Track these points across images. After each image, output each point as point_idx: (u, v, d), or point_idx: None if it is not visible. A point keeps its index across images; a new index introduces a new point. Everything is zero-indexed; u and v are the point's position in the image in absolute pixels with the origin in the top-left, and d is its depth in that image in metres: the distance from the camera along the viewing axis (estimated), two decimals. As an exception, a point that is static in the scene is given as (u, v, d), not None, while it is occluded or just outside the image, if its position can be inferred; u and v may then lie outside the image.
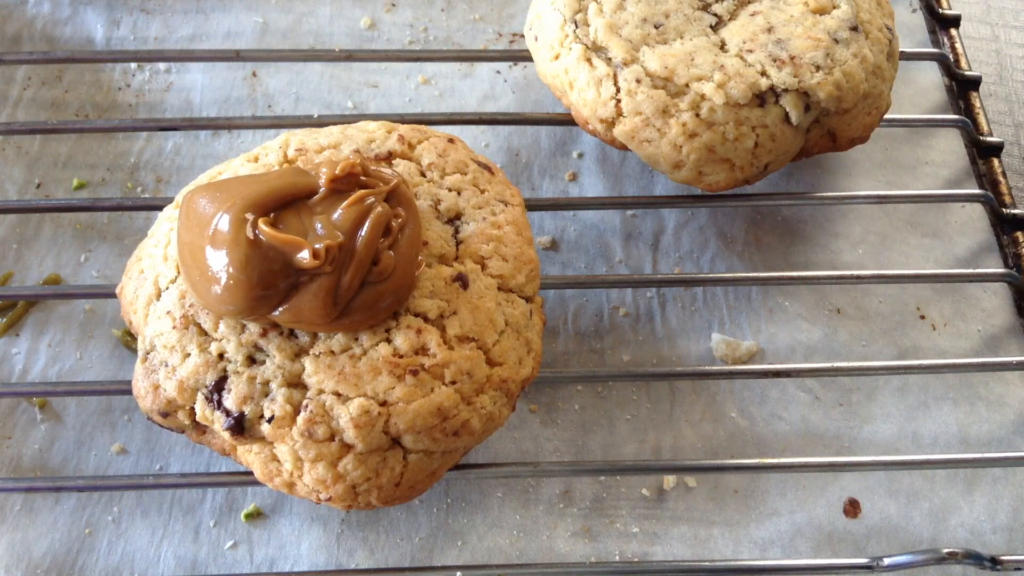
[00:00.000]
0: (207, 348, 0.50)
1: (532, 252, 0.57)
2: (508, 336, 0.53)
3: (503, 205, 0.58)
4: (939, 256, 0.72)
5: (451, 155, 0.59)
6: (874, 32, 0.65)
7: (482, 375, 0.51)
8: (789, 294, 0.70)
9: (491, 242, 0.55)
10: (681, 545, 0.60)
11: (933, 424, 0.65)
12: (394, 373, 0.50)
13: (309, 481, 0.50)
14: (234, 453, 0.52)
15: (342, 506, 0.50)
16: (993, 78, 0.82)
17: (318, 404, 0.49)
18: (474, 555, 0.59)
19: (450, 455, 0.52)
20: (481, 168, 0.59)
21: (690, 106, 0.61)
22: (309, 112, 0.76)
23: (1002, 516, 0.62)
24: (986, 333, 0.69)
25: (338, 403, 0.49)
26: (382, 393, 0.49)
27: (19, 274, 0.68)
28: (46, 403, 0.63)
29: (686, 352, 0.67)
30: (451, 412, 0.50)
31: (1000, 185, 0.73)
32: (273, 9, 0.82)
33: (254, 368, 0.50)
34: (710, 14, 0.64)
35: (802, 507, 0.62)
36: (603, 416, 0.64)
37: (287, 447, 0.49)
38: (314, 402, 0.49)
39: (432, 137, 0.60)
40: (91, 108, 0.76)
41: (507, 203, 0.58)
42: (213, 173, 0.58)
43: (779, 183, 0.73)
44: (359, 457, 0.49)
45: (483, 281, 0.54)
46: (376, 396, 0.49)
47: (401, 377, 0.50)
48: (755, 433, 0.64)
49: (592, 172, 0.75)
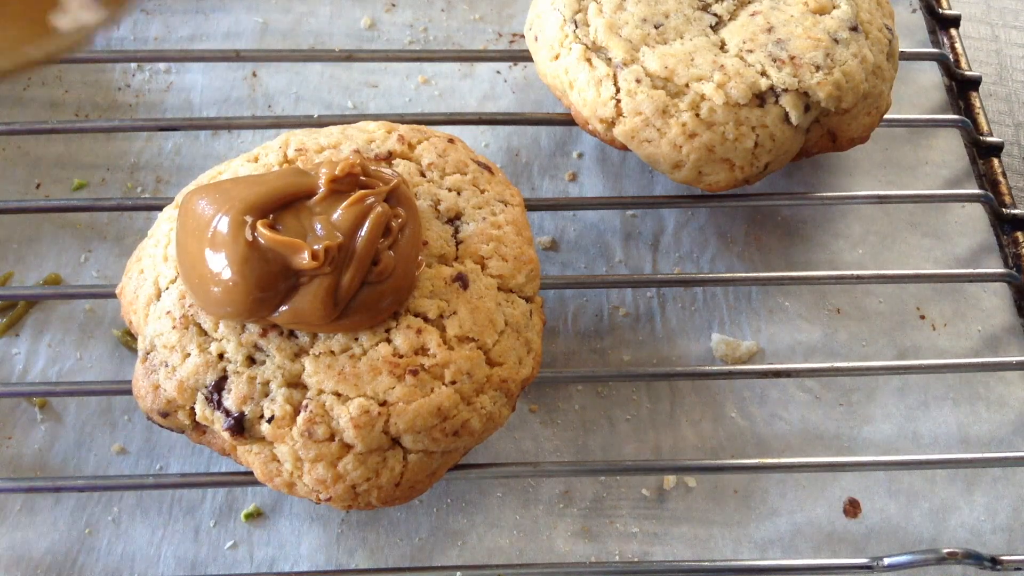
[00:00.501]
0: (207, 348, 0.50)
1: (532, 252, 0.57)
2: (508, 336, 0.53)
3: (503, 205, 0.58)
4: (939, 256, 0.72)
5: (451, 155, 0.59)
6: (874, 32, 0.65)
7: (482, 375, 0.51)
8: (789, 294, 0.70)
9: (491, 242, 0.55)
10: (681, 545, 0.60)
11: (933, 424, 0.65)
12: (394, 373, 0.50)
13: (309, 481, 0.50)
14: (234, 453, 0.52)
15: (342, 506, 0.50)
16: (993, 78, 0.82)
17: (318, 404, 0.49)
18: (474, 555, 0.59)
19: (450, 455, 0.52)
20: (481, 168, 0.59)
21: (690, 106, 0.61)
22: (309, 112, 0.76)
23: (1002, 516, 0.62)
24: (986, 333, 0.69)
25: (338, 403, 0.49)
26: (382, 393, 0.49)
27: (19, 274, 0.68)
28: (46, 403, 0.63)
29: (686, 352, 0.67)
30: (451, 412, 0.50)
31: (1000, 185, 0.73)
32: (273, 9, 0.82)
33: (254, 368, 0.50)
34: (710, 14, 0.64)
35: (802, 507, 0.62)
36: (603, 416, 0.64)
37: (287, 447, 0.49)
38: (314, 402, 0.49)
39: (432, 137, 0.60)
40: (91, 108, 0.76)
41: (507, 203, 0.58)
42: (213, 173, 0.58)
43: (779, 183, 0.73)
44: (359, 457, 0.49)
45: (483, 281, 0.54)
46: (376, 396, 0.49)
47: (401, 377, 0.50)
48: (755, 433, 0.64)
49: (592, 172, 0.75)
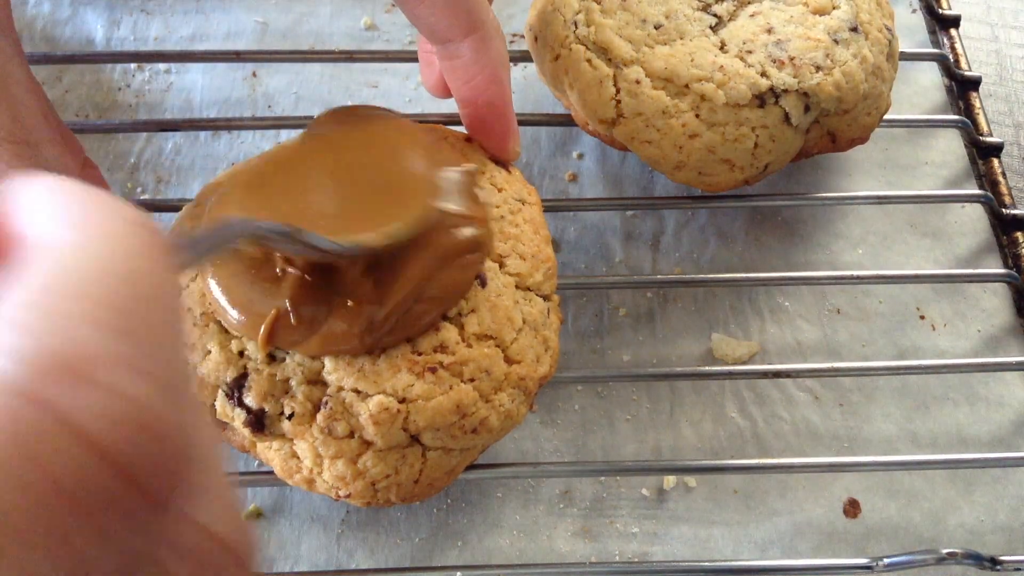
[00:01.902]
0: (227, 345, 0.50)
1: (549, 250, 0.57)
2: (526, 334, 0.53)
3: (520, 204, 0.57)
4: (939, 256, 0.72)
5: (468, 154, 0.59)
6: (874, 32, 0.65)
7: (500, 373, 0.51)
8: (789, 294, 0.70)
9: (509, 240, 0.55)
10: (681, 545, 0.60)
11: (933, 424, 0.65)
12: (413, 371, 0.50)
13: (329, 478, 0.50)
14: (253, 450, 0.52)
15: (361, 503, 0.50)
16: (993, 78, 0.82)
17: (337, 401, 0.49)
18: (474, 555, 0.59)
19: (468, 452, 0.53)
20: (498, 167, 0.59)
21: (690, 107, 0.61)
22: (309, 112, 0.76)
23: (1002, 516, 0.62)
24: (986, 333, 0.69)
25: (357, 400, 0.49)
26: (401, 390, 0.49)
27: (19, 274, 0.68)
28: (46, 403, 0.63)
29: (686, 352, 0.67)
30: (469, 409, 0.50)
31: (1000, 185, 0.73)
32: (273, 9, 0.82)
33: (274, 365, 0.50)
34: (710, 14, 0.64)
35: (802, 507, 0.62)
36: (603, 416, 0.64)
37: (307, 444, 0.49)
38: (334, 399, 0.49)
39: (449, 136, 0.60)
40: (91, 108, 0.76)
41: (524, 202, 0.58)
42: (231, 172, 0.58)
43: (779, 183, 0.73)
44: (378, 454, 0.49)
45: (501, 279, 0.54)
46: (395, 393, 0.49)
47: (420, 375, 0.50)
48: (755, 433, 0.64)
49: (592, 172, 0.75)
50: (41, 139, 0.48)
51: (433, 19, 0.52)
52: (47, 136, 0.48)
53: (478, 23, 0.53)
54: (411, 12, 0.53)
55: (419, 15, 0.53)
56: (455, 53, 0.54)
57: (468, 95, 0.56)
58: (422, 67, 0.62)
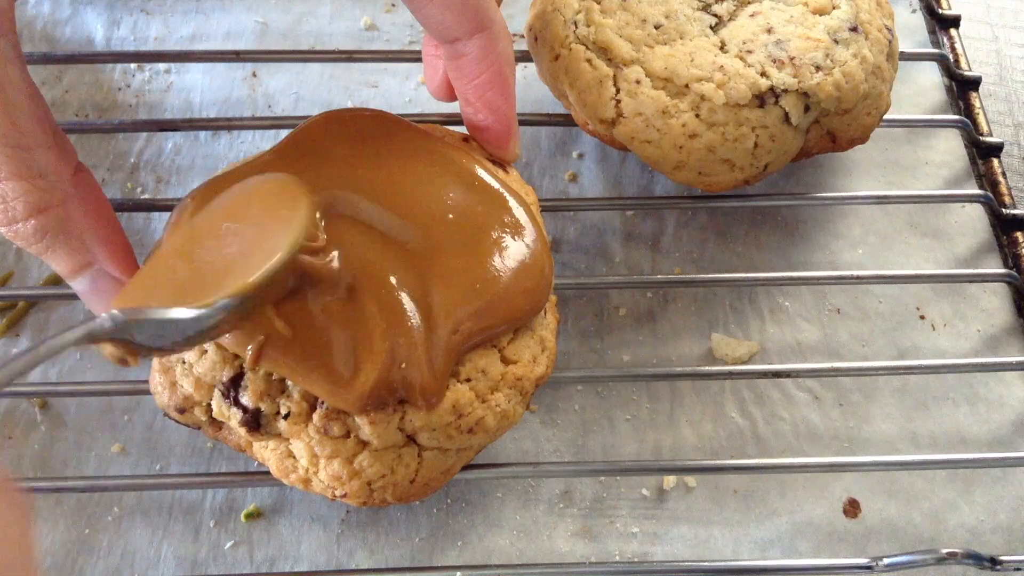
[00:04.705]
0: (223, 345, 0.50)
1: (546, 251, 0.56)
2: (522, 334, 0.53)
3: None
4: (939, 256, 0.72)
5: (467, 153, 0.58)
6: (874, 32, 0.65)
7: (496, 373, 0.51)
8: (789, 294, 0.70)
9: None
10: (681, 545, 0.60)
11: (933, 424, 0.65)
12: None
13: (325, 477, 0.50)
14: (250, 449, 0.52)
15: (357, 502, 0.50)
16: (993, 78, 0.82)
17: None
18: (474, 555, 0.59)
19: (464, 452, 0.53)
20: (496, 167, 0.59)
21: (690, 107, 0.61)
22: (309, 112, 0.75)
23: (1002, 516, 0.62)
24: (986, 333, 0.69)
25: None
26: None
27: (19, 274, 0.68)
28: (46, 403, 0.63)
29: (686, 352, 0.67)
30: (466, 409, 0.50)
31: (1000, 185, 0.73)
32: (273, 9, 0.82)
33: None
34: (710, 14, 0.64)
35: (802, 507, 0.62)
36: (603, 416, 0.64)
37: (303, 443, 0.49)
38: None
39: (446, 136, 0.60)
40: (91, 108, 0.76)
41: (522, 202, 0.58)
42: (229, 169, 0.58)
43: (779, 183, 0.73)
44: (374, 454, 0.49)
45: None
46: None
47: None
48: (755, 433, 0.64)
49: (592, 172, 0.75)
50: (35, 144, 0.48)
51: (442, 17, 0.52)
52: (41, 141, 0.48)
53: (487, 21, 0.53)
54: (420, 10, 0.53)
55: (429, 13, 0.52)
56: (461, 51, 0.54)
57: (471, 93, 0.56)
58: (426, 69, 0.61)
